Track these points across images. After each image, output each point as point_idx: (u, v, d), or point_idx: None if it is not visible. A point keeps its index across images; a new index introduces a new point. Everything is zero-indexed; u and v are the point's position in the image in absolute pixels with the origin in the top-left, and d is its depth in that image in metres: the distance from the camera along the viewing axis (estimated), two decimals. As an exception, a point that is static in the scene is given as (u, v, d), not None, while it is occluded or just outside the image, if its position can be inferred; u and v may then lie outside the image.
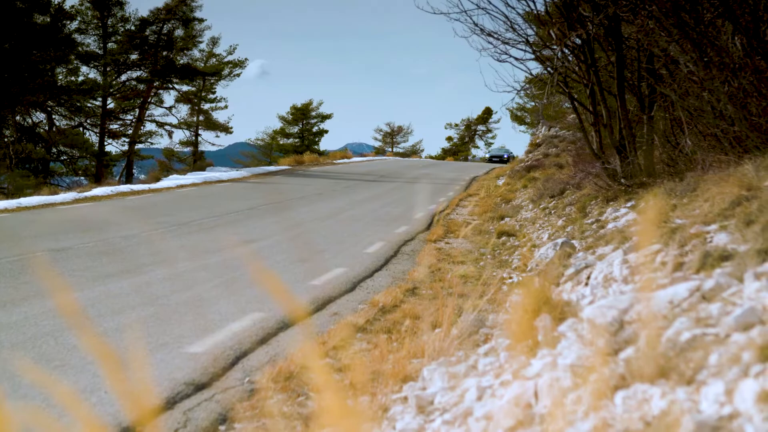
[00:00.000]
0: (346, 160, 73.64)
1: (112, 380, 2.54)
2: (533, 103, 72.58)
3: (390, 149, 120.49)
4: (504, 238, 20.48)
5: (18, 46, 57.61)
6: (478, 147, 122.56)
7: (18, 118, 60.08)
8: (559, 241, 14.11)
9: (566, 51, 19.33)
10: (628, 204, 15.94)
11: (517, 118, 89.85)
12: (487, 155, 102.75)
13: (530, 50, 20.08)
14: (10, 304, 11.61)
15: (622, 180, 18.09)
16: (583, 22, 18.24)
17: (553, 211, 22.59)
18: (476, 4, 19.84)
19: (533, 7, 19.76)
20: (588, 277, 9.80)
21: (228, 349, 9.64)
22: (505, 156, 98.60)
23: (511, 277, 14.71)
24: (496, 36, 19.96)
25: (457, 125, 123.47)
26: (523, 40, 19.96)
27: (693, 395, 4.16)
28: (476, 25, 19.98)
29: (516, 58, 20.20)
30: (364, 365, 8.65)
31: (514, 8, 18.94)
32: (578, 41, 18.97)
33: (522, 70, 39.34)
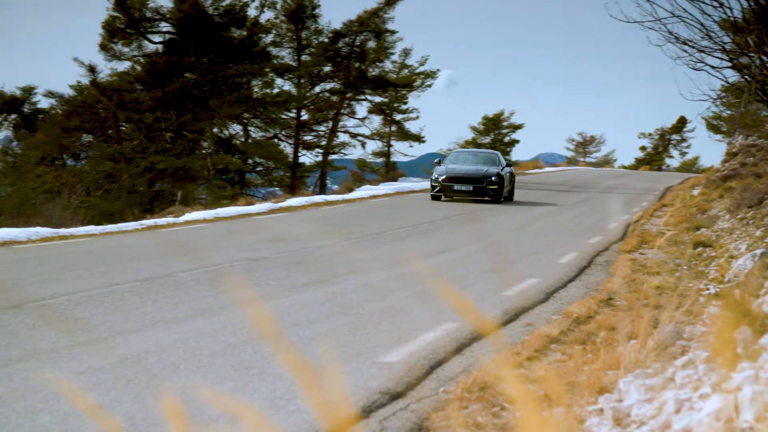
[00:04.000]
0: (537, 171, 73.18)
1: (308, 389, 2.57)
2: (729, 112, 70.92)
3: (582, 159, 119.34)
4: (700, 248, 20.06)
5: (216, 60, 59.03)
6: (672, 156, 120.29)
7: (215, 130, 61.53)
8: (758, 251, 13.79)
9: (764, 58, 18.90)
10: (831, 214, 15.47)
11: (712, 127, 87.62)
12: (436, 177, 38.78)
13: (726, 58, 19.73)
14: (209, 312, 11.88)
15: (824, 189, 17.57)
16: (783, 28, 17.79)
17: (751, 222, 22.05)
18: (671, 12, 19.60)
19: (730, 14, 19.38)
20: (789, 289, 9.55)
21: (422, 358, 9.67)
22: (494, 176, 38.26)
23: (707, 289, 14.43)
24: (691, 44, 19.67)
25: (650, 134, 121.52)
26: (720, 47, 19.62)
27: None
28: (671, 33, 19.68)
29: (712, 66, 19.89)
30: (558, 376, 8.59)
31: (710, 15, 18.48)
32: (777, 48, 18.53)
33: (718, 78, 38.41)
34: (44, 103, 67.10)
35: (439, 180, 38.60)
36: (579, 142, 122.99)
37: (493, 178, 38.26)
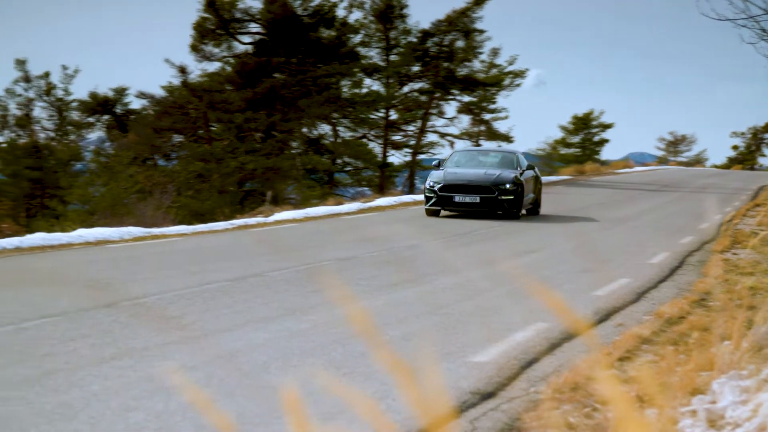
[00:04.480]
0: (627, 170, 72.47)
1: (399, 388, 2.57)
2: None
3: (672, 159, 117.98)
4: (795, 248, 19.76)
5: (305, 61, 59.27)
6: (765, 156, 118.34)
7: (304, 130, 61.79)
8: None
9: None
10: None
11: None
12: (431, 185, 28.59)
13: (821, 55, 19.41)
14: (299, 312, 11.94)
15: None
16: None
17: None
18: (764, 10, 19.33)
19: (825, 10, 19.07)
20: None
21: (512, 358, 9.63)
22: (509, 184, 28.08)
23: (802, 289, 14.21)
24: (785, 42, 19.38)
25: (743, 133, 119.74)
26: (815, 45, 19.32)
27: None
28: (764, 30, 19.42)
29: (806, 64, 19.58)
30: (650, 377, 8.51)
31: (804, 12, 18.13)
32: None
33: (813, 75, 38.03)
34: (136, 104, 67.92)
35: (435, 189, 28.50)
36: (669, 141, 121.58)
37: (508, 186, 28.20)
